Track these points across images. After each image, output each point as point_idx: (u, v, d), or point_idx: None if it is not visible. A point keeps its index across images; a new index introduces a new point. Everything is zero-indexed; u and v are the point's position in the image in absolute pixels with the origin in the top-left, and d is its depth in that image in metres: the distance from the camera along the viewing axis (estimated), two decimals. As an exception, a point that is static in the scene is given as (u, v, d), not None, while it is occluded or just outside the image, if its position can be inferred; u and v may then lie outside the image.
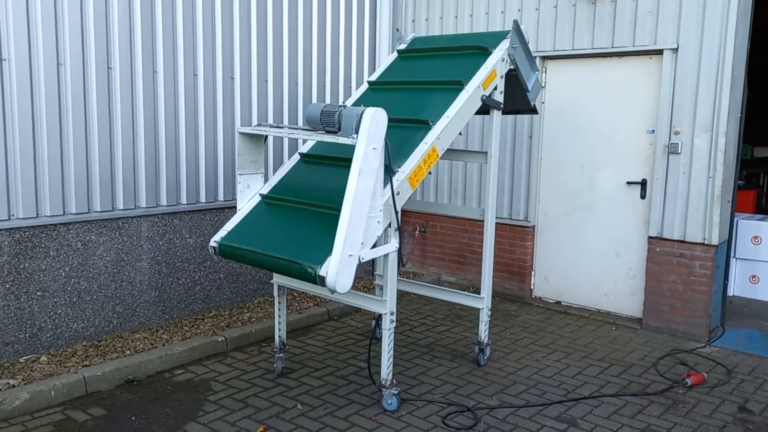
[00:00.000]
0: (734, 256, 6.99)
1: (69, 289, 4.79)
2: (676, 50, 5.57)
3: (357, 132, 3.65)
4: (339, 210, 3.69)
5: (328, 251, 3.60)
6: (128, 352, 4.77)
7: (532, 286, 6.80)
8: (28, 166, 4.48)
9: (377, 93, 4.96)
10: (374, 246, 3.81)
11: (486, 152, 4.84)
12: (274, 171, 6.17)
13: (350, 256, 3.54)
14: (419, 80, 4.79)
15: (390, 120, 4.29)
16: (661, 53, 5.68)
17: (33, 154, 4.50)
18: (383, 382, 4.15)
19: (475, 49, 4.76)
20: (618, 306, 6.22)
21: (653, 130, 5.85)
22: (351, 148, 4.08)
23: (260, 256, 3.91)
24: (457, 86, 4.48)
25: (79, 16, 4.65)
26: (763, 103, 12.78)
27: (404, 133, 4.31)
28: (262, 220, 4.24)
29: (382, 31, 7.10)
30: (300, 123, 6.34)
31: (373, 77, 5.12)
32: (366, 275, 7.30)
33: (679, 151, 5.60)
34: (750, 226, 6.96)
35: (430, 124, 4.25)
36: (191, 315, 5.65)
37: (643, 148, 5.92)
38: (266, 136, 4.47)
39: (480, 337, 4.97)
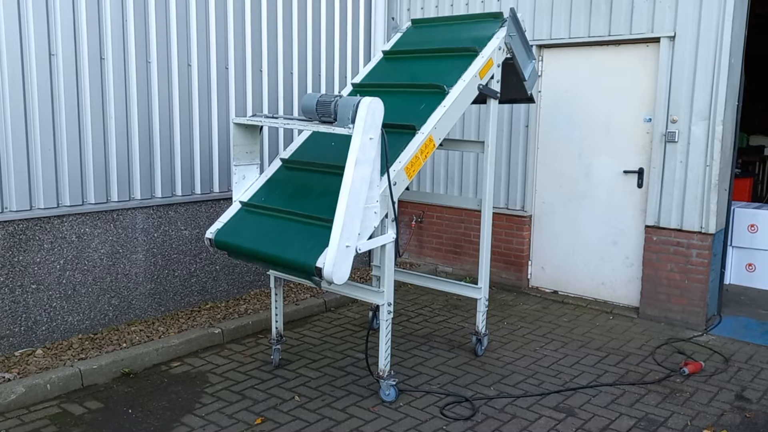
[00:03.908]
0: (731, 245, 7.00)
1: (64, 281, 4.76)
2: (673, 38, 5.54)
3: (353, 122, 3.61)
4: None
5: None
6: (124, 344, 4.75)
7: (529, 276, 6.79)
8: (21, 158, 4.44)
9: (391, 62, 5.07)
10: (371, 237, 3.79)
11: (482, 142, 4.82)
12: (270, 162, 6.14)
13: (347, 247, 3.51)
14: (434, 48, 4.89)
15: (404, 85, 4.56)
16: (658, 41, 5.65)
17: (26, 146, 4.45)
18: (381, 373, 4.14)
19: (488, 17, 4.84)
20: (615, 295, 6.23)
21: (650, 119, 5.82)
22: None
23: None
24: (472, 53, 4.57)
25: (71, 6, 4.59)
26: (758, 90, 12.77)
27: (419, 99, 4.41)
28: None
29: (377, 20, 7.04)
30: (295, 113, 6.30)
31: (387, 46, 5.22)
32: (362, 266, 7.29)
33: (676, 139, 5.58)
34: (746, 215, 6.97)
35: (446, 89, 4.33)
36: (187, 307, 5.63)
37: (640, 136, 5.90)
38: (262, 127, 4.44)
39: (477, 327, 4.96)
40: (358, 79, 4.95)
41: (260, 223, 4.09)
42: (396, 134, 4.13)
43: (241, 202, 4.30)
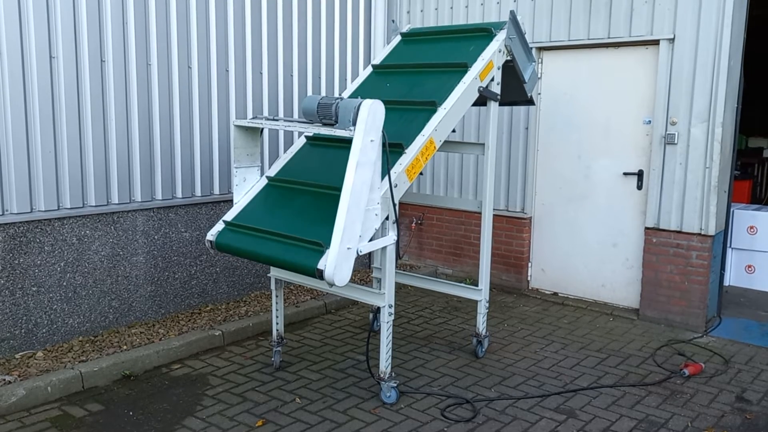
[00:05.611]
0: (730, 246, 7.01)
1: (64, 284, 4.76)
2: (672, 40, 5.55)
3: (354, 124, 3.62)
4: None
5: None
6: (125, 347, 4.74)
7: (529, 278, 6.80)
8: (22, 160, 4.44)
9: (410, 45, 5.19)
10: (372, 239, 3.79)
11: (483, 144, 4.83)
12: (270, 164, 6.14)
13: (348, 249, 3.52)
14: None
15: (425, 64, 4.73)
16: (658, 43, 5.66)
17: (26, 149, 4.46)
18: (382, 375, 4.14)
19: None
20: (615, 296, 6.23)
21: (650, 121, 5.83)
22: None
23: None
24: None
25: (72, 8, 4.59)
26: (757, 92, 12.79)
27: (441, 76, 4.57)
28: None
29: (377, 23, 7.05)
30: (296, 115, 6.31)
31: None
32: (363, 268, 7.29)
33: (676, 141, 5.59)
34: (746, 216, 6.97)
35: (468, 66, 4.45)
36: (188, 309, 5.63)
37: (640, 138, 5.91)
38: (262, 129, 4.44)
39: (478, 329, 4.96)
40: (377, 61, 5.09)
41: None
42: (416, 111, 4.29)
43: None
